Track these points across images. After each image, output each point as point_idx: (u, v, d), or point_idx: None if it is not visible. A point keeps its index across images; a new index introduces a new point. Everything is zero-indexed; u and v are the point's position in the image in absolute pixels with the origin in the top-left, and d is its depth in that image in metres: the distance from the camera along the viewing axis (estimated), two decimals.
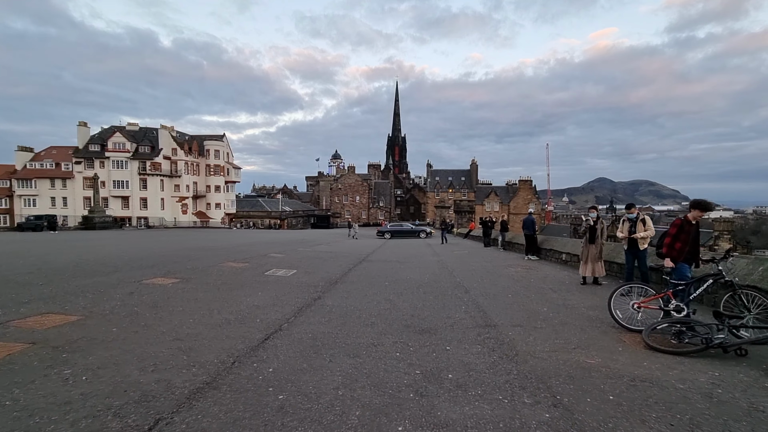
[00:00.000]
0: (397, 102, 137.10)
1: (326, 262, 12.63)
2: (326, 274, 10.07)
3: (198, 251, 15.17)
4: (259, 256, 13.82)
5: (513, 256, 14.54)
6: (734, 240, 65.48)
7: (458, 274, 9.84)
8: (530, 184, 79.21)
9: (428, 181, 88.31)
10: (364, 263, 12.73)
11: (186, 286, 7.72)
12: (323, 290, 7.81)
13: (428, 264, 12.51)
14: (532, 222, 12.77)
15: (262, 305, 6.35)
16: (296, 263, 12.07)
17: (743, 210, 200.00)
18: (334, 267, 11.49)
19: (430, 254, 16.24)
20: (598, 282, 7.87)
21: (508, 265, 11.38)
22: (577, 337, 4.55)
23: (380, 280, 9.07)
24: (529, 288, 7.62)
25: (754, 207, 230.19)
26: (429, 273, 10.22)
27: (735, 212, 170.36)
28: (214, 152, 70.66)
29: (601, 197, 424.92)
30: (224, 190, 72.70)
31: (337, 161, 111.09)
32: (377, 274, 10.19)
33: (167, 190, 64.93)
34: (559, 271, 9.98)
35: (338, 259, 13.93)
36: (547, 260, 12.37)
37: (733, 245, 64.66)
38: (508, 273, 9.79)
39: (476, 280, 8.88)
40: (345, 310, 6.12)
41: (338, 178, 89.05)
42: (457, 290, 7.63)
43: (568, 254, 10.82)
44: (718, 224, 69.50)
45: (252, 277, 9.12)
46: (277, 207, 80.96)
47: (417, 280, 9.05)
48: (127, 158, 61.54)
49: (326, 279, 9.22)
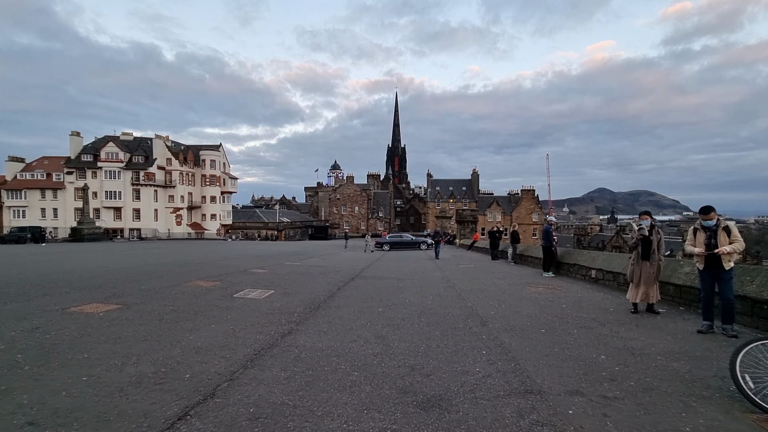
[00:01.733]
0: (396, 113, 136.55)
1: (313, 280, 10.88)
2: (309, 295, 8.32)
3: (170, 266, 13.42)
4: (238, 272, 12.07)
5: (527, 271, 12.76)
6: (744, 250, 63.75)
7: (468, 296, 8.09)
8: (533, 194, 77.56)
9: (428, 191, 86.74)
10: (357, 281, 10.98)
11: (120, 316, 5.97)
12: (298, 320, 6.06)
13: (431, 281, 10.76)
14: (551, 233, 11.03)
15: (207, 347, 4.61)
16: (277, 281, 10.33)
17: (745, 220, 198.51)
18: (321, 286, 9.74)
19: (432, 269, 14.48)
20: (654, 310, 6.08)
21: (525, 284, 9.63)
22: (686, 423, 2.78)
23: (373, 305, 7.33)
24: (565, 318, 5.86)
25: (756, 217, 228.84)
26: (432, 294, 8.47)
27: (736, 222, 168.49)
28: (210, 162, 69.30)
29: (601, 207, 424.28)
30: (220, 201, 71.13)
31: (336, 172, 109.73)
32: (370, 295, 8.44)
33: (161, 201, 63.36)
34: (592, 292, 8.17)
35: (328, 275, 12.19)
36: (570, 277, 10.59)
37: (743, 256, 63.02)
38: (529, 294, 8.05)
39: (492, 304, 7.12)
40: (318, 355, 4.38)
41: (337, 188, 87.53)
42: (471, 321, 5.88)
43: (599, 270, 8.97)
44: None
45: (215, 302, 7.37)
46: (275, 218, 79.33)
47: (418, 304, 7.30)
48: (120, 168, 60.09)
49: (307, 303, 7.48)
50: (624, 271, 7.65)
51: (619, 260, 8.18)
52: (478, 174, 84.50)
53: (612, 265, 8.25)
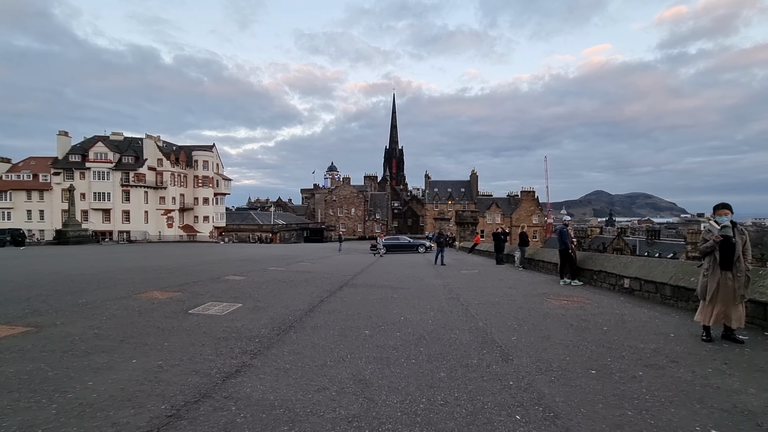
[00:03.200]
0: (394, 114, 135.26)
1: (294, 289, 9.34)
2: (282, 311, 6.79)
3: (133, 272, 11.84)
4: (209, 280, 10.52)
5: (540, 278, 11.24)
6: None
7: (478, 312, 6.56)
8: (533, 196, 76.19)
9: (426, 193, 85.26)
10: (345, 290, 9.45)
11: (14, 346, 4.43)
12: (257, 350, 4.54)
13: (431, 291, 9.23)
14: (567, 234, 9.48)
15: (102, 401, 3.08)
16: (251, 291, 8.78)
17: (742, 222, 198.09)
18: (301, 297, 8.20)
19: (432, 275, 12.96)
20: (735, 337, 4.45)
21: (543, 295, 8.11)
22: None
23: (359, 324, 5.80)
24: (616, 350, 4.26)
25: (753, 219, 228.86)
26: (433, 309, 6.95)
27: None
28: (202, 163, 67.59)
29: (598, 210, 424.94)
30: (213, 203, 69.42)
31: (332, 173, 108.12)
32: (357, 310, 6.91)
33: (152, 203, 61.63)
34: (632, 307, 6.45)
35: (313, 282, 10.65)
36: (593, 286, 9.02)
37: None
38: (553, 310, 6.52)
39: (510, 325, 5.59)
40: (264, 420, 2.85)
41: (333, 189, 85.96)
42: (488, 352, 4.36)
43: (634, 280, 7.31)
44: None
45: (159, 321, 5.83)
46: (269, 220, 77.65)
47: (416, 324, 5.78)
48: (109, 169, 58.35)
49: (277, 322, 5.95)
50: (673, 281, 6.15)
51: (661, 267, 6.68)
52: (477, 175, 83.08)
53: (653, 273, 6.74)
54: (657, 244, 69.65)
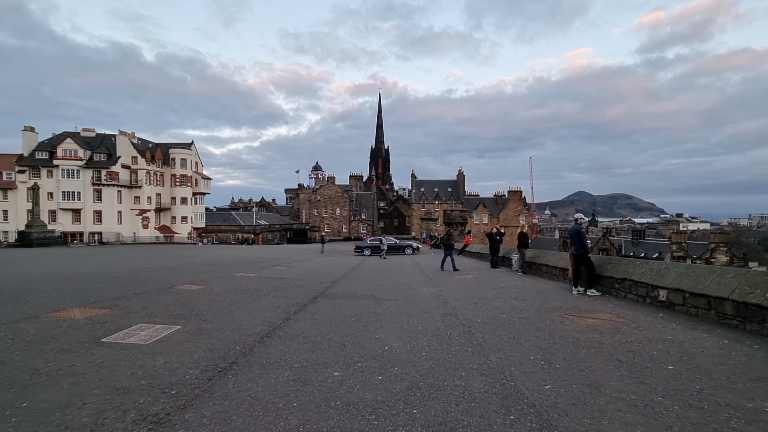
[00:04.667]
0: (380, 113, 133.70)
1: (257, 301, 7.70)
2: (231, 335, 5.16)
3: (69, 281, 9.99)
4: (156, 290, 8.78)
5: (546, 285, 9.80)
6: (730, 252, 63.33)
7: (486, 338, 5.05)
8: (520, 195, 75.61)
9: (413, 193, 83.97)
10: (320, 301, 7.84)
11: None
12: (161, 418, 2.93)
13: (422, 303, 7.71)
14: (583, 234, 8.01)
15: None
16: (201, 306, 7.11)
17: (718, 222, 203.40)
18: (262, 313, 6.58)
19: (421, 281, 11.44)
20: None
21: (559, 309, 6.65)
22: None
23: (326, 359, 4.23)
24: (714, 414, 2.83)
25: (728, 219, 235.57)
26: (427, 332, 5.41)
27: (711, 224, 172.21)
28: (180, 161, 64.82)
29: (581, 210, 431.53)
30: (192, 203, 66.67)
31: (317, 173, 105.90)
32: (328, 333, 5.33)
33: (126, 202, 58.68)
34: (686, 331, 4.88)
35: (283, 292, 9.01)
36: (615, 296, 7.52)
37: (729, 258, 62.40)
38: (584, 334, 4.97)
39: (536, 362, 4.06)
40: None
41: (317, 189, 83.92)
42: (518, 420, 2.85)
43: (675, 291, 5.80)
44: (714, 236, 67.34)
45: (47, 358, 4.16)
46: (251, 221, 75.21)
47: (405, 360, 4.23)
48: (79, 167, 55.21)
49: (216, 355, 4.35)
50: (737, 296, 4.74)
51: (714, 277, 5.24)
52: (464, 175, 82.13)
53: (703, 284, 5.31)
54: (642, 244, 69.93)
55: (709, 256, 61.30)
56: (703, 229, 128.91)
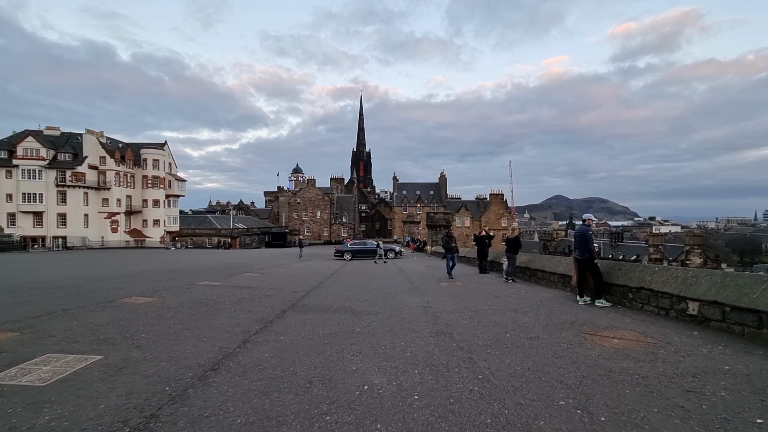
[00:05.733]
0: (361, 116, 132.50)
1: (212, 318, 6.44)
2: (165, 370, 3.94)
3: None
4: (93, 305, 7.41)
5: (545, 294, 8.81)
6: (704, 254, 64.80)
7: (494, 369, 3.99)
8: (501, 198, 75.64)
9: (395, 196, 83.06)
10: (289, 317, 6.64)
11: None
12: None
13: (408, 318, 6.62)
14: (590, 237, 7.06)
15: None
16: (140, 326, 5.83)
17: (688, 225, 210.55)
18: (216, 335, 5.36)
19: (406, 289, 10.35)
20: None
21: (571, 324, 5.66)
22: None
23: (282, 411, 3.08)
24: None
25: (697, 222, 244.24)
26: (418, 362, 4.31)
27: (682, 227, 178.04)
28: (152, 162, 62.02)
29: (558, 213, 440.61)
30: (165, 205, 63.87)
31: (297, 175, 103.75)
32: (292, 364, 4.17)
33: (93, 205, 55.65)
34: (739, 356, 3.90)
35: (248, 304, 7.76)
36: (630, 308, 6.47)
37: (703, 259, 63.74)
38: (616, 363, 3.90)
39: (568, 409, 3.02)
40: None
41: (297, 191, 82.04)
42: None
43: (711, 304, 4.82)
44: (689, 239, 68.81)
45: None
46: (229, 224, 72.65)
47: (390, 408, 3.12)
48: (41, 167, 52.01)
49: (133, 403, 3.13)
50: None
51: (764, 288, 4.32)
52: (445, 178, 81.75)
53: (746, 296, 4.31)
54: (620, 246, 70.93)
55: (684, 258, 62.53)
56: (674, 232, 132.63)
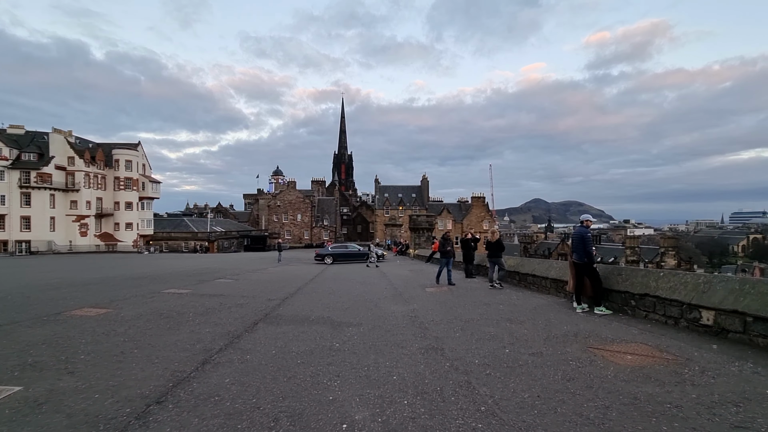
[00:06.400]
0: (343, 119, 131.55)
1: (172, 333, 5.65)
2: (98, 404, 3.17)
3: None
4: (31, 320, 6.49)
5: (538, 301, 8.28)
6: (678, 256, 66.61)
7: (493, 393, 3.39)
8: (483, 201, 75.96)
9: (377, 198, 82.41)
10: (260, 330, 5.90)
11: None
12: None
13: (394, 330, 5.97)
14: (589, 239, 6.56)
15: None
16: (86, 344, 5.00)
17: (660, 228, 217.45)
18: (171, 355, 4.59)
19: (390, 296, 9.70)
20: None
21: (574, 337, 5.13)
22: None
23: None
24: None
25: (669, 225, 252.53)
26: (407, 388, 3.67)
27: (654, 230, 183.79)
28: (125, 163, 59.58)
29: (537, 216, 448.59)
30: (138, 208, 61.41)
31: (277, 177, 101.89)
32: (257, 392, 3.46)
33: (60, 207, 53.00)
34: None
35: (215, 315, 6.97)
36: (633, 317, 5.96)
37: (677, 261, 65.45)
38: (634, 384, 3.36)
39: None
40: None
41: (277, 194, 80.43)
42: None
43: (731, 314, 4.34)
44: (663, 240, 70.64)
45: None
46: (206, 227, 70.52)
47: None
48: (3, 167, 49.19)
49: None
50: None
51: None
52: (428, 180, 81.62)
53: None
54: (598, 248, 72.22)
55: (659, 260, 64.17)
56: (648, 234, 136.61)
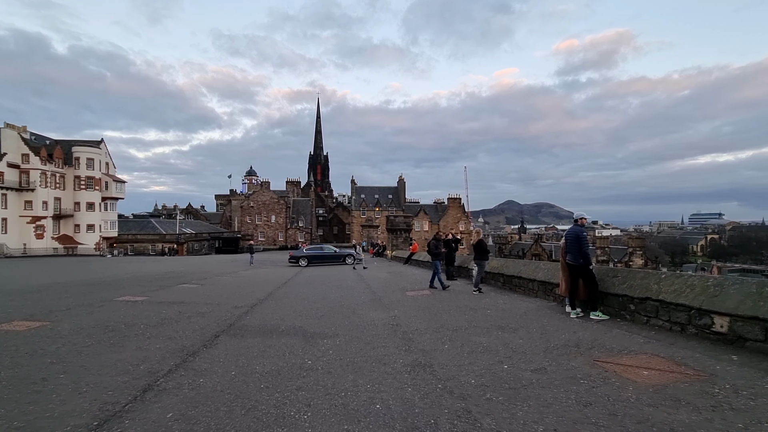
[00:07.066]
0: (318, 119, 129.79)
1: (114, 351, 4.79)
2: None
3: None
4: None
5: (527, 305, 7.76)
6: (645, 256, 68.94)
7: (500, 428, 2.83)
8: (459, 202, 76.38)
9: (353, 199, 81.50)
10: (221, 344, 5.12)
11: None
12: None
13: (375, 342, 5.32)
14: (585, 239, 6.11)
15: None
16: (3, 368, 4.09)
17: (626, 228, 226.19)
18: (105, 381, 3.76)
19: (368, 302, 9.02)
20: None
21: (576, 348, 4.61)
22: None
23: None
24: None
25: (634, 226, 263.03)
26: (394, 420, 3.03)
27: (621, 231, 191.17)
28: (86, 161, 56.28)
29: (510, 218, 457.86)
30: (101, 209, 58.17)
31: (251, 177, 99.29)
32: None
33: (13, 208, 49.49)
34: None
35: (170, 327, 6.11)
36: (632, 322, 5.52)
37: (644, 261, 67.70)
38: (664, 411, 2.75)
39: None
40: None
41: (250, 195, 78.23)
42: None
43: (749, 320, 3.93)
44: (630, 241, 72.94)
45: None
46: (175, 229, 67.68)
47: None
48: None
49: None
50: None
51: None
52: (404, 181, 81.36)
53: None
54: None
55: (627, 260, 66.27)
56: (615, 235, 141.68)
